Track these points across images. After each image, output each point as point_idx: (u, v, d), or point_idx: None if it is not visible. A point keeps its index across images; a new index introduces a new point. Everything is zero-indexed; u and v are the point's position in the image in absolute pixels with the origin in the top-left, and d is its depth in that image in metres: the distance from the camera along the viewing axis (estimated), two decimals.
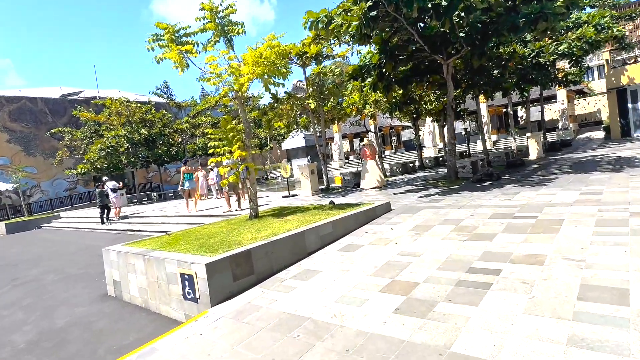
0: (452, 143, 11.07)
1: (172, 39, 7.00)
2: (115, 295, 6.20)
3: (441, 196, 8.46)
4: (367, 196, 10.41)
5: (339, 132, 40.88)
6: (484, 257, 4.22)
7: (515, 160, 13.24)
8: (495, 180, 9.89)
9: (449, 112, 11.13)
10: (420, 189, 10.30)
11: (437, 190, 9.50)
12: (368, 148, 12.75)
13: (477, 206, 6.66)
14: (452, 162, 11.06)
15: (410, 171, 18.30)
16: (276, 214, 7.54)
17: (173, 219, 13.17)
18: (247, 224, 6.73)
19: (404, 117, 20.64)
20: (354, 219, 6.51)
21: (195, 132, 28.66)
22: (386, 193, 10.57)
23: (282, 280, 4.73)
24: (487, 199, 7.30)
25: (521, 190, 7.67)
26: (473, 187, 9.32)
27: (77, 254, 10.84)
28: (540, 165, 12.83)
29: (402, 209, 7.49)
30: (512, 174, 11.24)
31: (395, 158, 36.62)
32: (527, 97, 19.93)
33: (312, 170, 13.02)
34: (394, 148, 43.03)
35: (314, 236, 5.71)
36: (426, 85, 12.51)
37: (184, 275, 4.55)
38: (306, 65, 12.89)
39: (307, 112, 13.86)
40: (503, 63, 12.75)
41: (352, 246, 5.56)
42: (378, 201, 7.81)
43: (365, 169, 12.71)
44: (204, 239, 5.84)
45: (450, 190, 9.18)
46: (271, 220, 6.83)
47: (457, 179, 11.09)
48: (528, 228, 4.93)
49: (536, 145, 16.30)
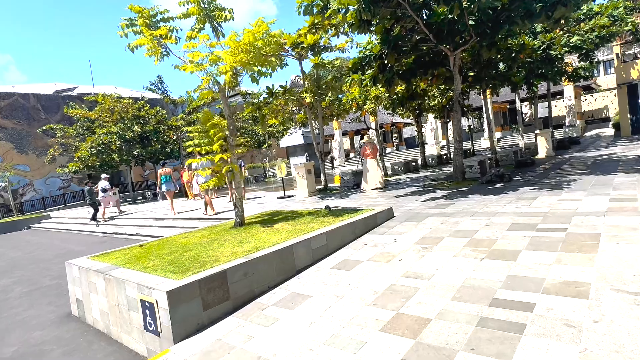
0: (458, 141, 10.25)
1: (147, 24, 6.19)
2: (79, 316, 5.42)
3: (449, 200, 7.66)
4: (367, 198, 9.62)
5: (339, 129, 40.08)
6: (509, 284, 3.43)
7: (525, 159, 12.43)
8: (507, 182, 9.08)
9: (456, 107, 10.31)
10: (425, 191, 9.50)
11: (443, 193, 8.70)
12: (368, 146, 11.94)
13: (492, 214, 5.86)
14: (458, 161, 10.25)
15: (412, 170, 17.49)
16: (265, 221, 6.75)
17: (160, 222, 12.39)
18: (231, 233, 5.94)
19: (406, 114, 19.80)
20: (351, 228, 5.72)
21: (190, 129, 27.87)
22: (388, 195, 9.77)
23: (264, 307, 3.94)
24: (501, 204, 6.49)
25: (539, 195, 6.86)
26: (483, 189, 8.51)
27: (54, 260, 10.07)
28: (552, 164, 12.01)
29: (406, 215, 6.70)
30: (524, 174, 10.43)
31: (397, 156, 35.81)
32: (534, 92, 19.08)
33: (308, 169, 12.22)
34: (396, 145, 42.22)
35: (305, 250, 4.92)
36: (431, 79, 11.67)
37: (145, 302, 3.77)
38: (303, 58, 12.06)
39: (304, 107, 13.04)
40: (513, 55, 11.90)
41: (349, 263, 4.77)
42: (379, 206, 7.01)
43: (365, 169, 11.90)
44: (177, 253, 5.06)
45: (458, 193, 8.38)
46: (258, 229, 6.04)
47: (464, 180, 10.28)
48: (558, 244, 4.13)
49: (545, 143, 15.47)
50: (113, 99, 23.12)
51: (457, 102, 10.29)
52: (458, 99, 10.26)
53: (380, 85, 12.41)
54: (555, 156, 15.06)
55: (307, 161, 23.49)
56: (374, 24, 9.18)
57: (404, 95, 12.52)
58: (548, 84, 22.01)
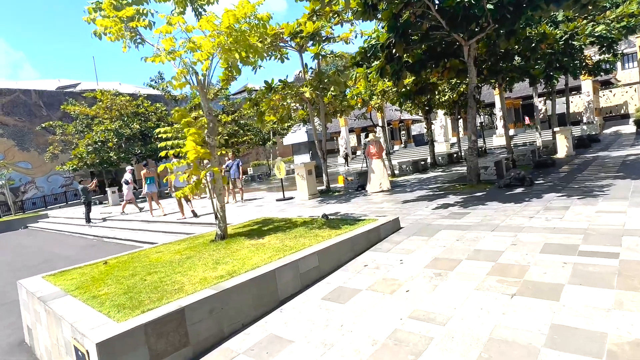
0: (473, 140, 9.28)
1: (115, 6, 5.35)
2: (31, 345, 4.64)
3: (463, 208, 6.73)
4: (371, 203, 8.72)
5: (345, 126, 39.11)
6: (555, 339, 2.52)
7: (545, 160, 11.40)
8: (528, 186, 8.11)
9: (471, 102, 9.33)
10: (436, 195, 8.57)
11: (457, 199, 7.76)
12: (374, 145, 11.02)
13: (518, 228, 4.93)
14: (473, 162, 9.29)
15: (421, 170, 16.51)
16: (251, 232, 5.89)
17: (153, 225, 11.64)
18: (209, 249, 5.10)
19: (414, 110, 18.81)
20: (349, 244, 4.84)
21: None
22: (394, 199, 8.85)
23: (233, 355, 3.09)
24: (526, 215, 5.55)
25: (570, 204, 5.90)
26: (502, 195, 7.55)
27: (36, 268, 9.34)
28: (576, 165, 10.96)
29: (414, 227, 5.79)
30: (545, 176, 9.43)
31: (404, 154, 34.77)
32: (553, 87, 17.93)
33: (309, 170, 11.35)
34: (404, 143, 41.13)
35: (291, 275, 4.06)
36: (442, 72, 10.68)
37: (78, 350, 2.94)
38: (304, 49, 11.16)
39: (305, 103, 12.16)
40: (533, 45, 10.86)
41: (344, 292, 3.89)
42: (383, 217, 6.11)
43: (370, 170, 10.99)
44: (140, 276, 4.23)
45: (474, 199, 7.43)
46: (241, 243, 5.19)
47: (479, 183, 9.32)
48: (613, 278, 3.21)
49: (565, 142, 14.37)
50: (111, 96, 22.48)
51: (472, 97, 9.31)
52: (473, 93, 9.29)
53: (388, 79, 11.50)
54: (576, 155, 13.96)
55: (311, 160, 22.63)
56: (381, 10, 8.25)
57: (412, 88, 11.57)
58: (566, 78, 20.82)
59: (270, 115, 11.25)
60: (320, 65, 11.75)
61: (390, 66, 8.71)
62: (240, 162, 13.62)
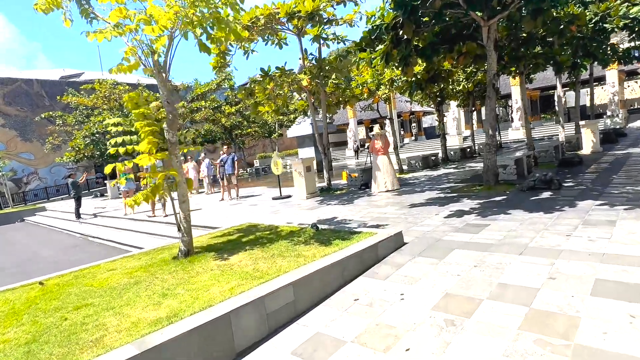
0: (491, 135, 8.13)
1: None
2: None
3: (481, 217, 5.65)
4: (373, 206, 7.68)
5: (354, 118, 37.90)
6: None
7: (570, 157, 10.18)
8: (556, 190, 6.97)
9: (489, 92, 8.17)
10: (448, 199, 7.48)
11: (472, 204, 6.67)
12: (379, 139, 9.94)
13: (553, 251, 3.86)
14: (491, 160, 8.15)
15: (432, 166, 15.36)
16: (224, 247, 4.93)
17: (140, 225, 10.79)
18: (165, 271, 4.15)
19: (425, 101, 17.56)
20: (338, 270, 3.84)
21: (195, 117, 26.28)
22: (400, 203, 7.80)
23: None
24: (562, 231, 4.47)
25: (616, 217, 4.78)
26: (526, 200, 6.44)
27: (6, 271, 8.56)
28: (607, 164, 9.73)
29: (421, 242, 4.75)
30: (574, 177, 8.26)
31: (414, 147, 33.48)
32: (577, 76, 16.49)
33: (307, 166, 10.33)
34: (415, 135, 39.75)
35: (255, 316, 3.08)
36: (457, 58, 9.49)
37: None
38: (303, 33, 10.06)
39: (305, 93, 11.09)
40: (562, 27, 9.58)
41: (323, 343, 2.89)
42: (384, 229, 5.09)
43: (375, 167, 9.92)
44: (63, 312, 3.29)
45: (493, 205, 6.34)
46: (204, 264, 4.23)
47: (497, 184, 8.19)
48: None
49: (592, 136, 13.06)
50: (109, 85, 21.68)
51: (492, 86, 8.14)
52: (493, 82, 8.12)
53: (395, 65, 10.37)
54: (604, 152, 12.67)
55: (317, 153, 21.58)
56: None
57: (423, 77, 10.41)
58: (591, 68, 19.30)
59: (265, 105, 10.22)
60: (321, 51, 10.64)
61: (397, 51, 7.59)
62: (235, 156, 12.67)
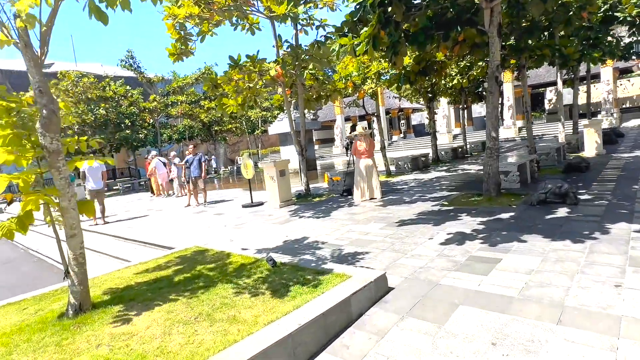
0: (493, 138, 6.89)
1: None
2: None
3: (489, 247, 4.39)
4: (354, 222, 6.37)
5: (341, 115, 36.69)
6: None
7: (578, 162, 9.03)
8: (573, 204, 5.77)
9: (491, 86, 6.92)
10: (443, 213, 6.23)
11: (474, 223, 5.41)
12: (363, 140, 8.65)
13: (608, 318, 2.60)
14: (492, 167, 6.92)
15: (422, 167, 14.16)
16: (138, 295, 3.54)
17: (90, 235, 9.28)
18: (29, 346, 2.76)
19: (415, 97, 16.35)
20: (288, 347, 2.51)
21: (170, 112, 24.64)
22: (386, 218, 6.51)
23: None
24: (605, 277, 3.23)
25: None
26: (540, 218, 5.22)
27: None
28: (620, 170, 8.61)
29: (412, 288, 3.46)
30: (587, 187, 7.09)
31: (403, 146, 32.36)
32: (576, 73, 15.46)
33: (280, 170, 8.98)
34: (403, 133, 38.68)
35: None
36: (453, 47, 8.22)
37: None
38: (276, 17, 8.65)
39: (280, 85, 9.72)
40: (571, 14, 8.41)
41: None
42: (361, 274, 3.78)
43: (358, 172, 8.63)
44: None
45: (501, 226, 5.09)
46: (94, 332, 2.85)
47: (499, 195, 6.98)
48: None
49: (596, 137, 12.00)
50: (74, 77, 19.93)
51: (494, 79, 6.90)
52: (495, 74, 6.87)
53: (382, 56, 9.09)
54: (609, 155, 11.62)
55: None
56: None
57: (413, 68, 9.13)
58: (588, 64, 18.33)
59: (231, 98, 8.80)
60: (298, 37, 9.27)
61: (384, 33, 6.24)
62: (203, 156, 11.24)
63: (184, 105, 24.44)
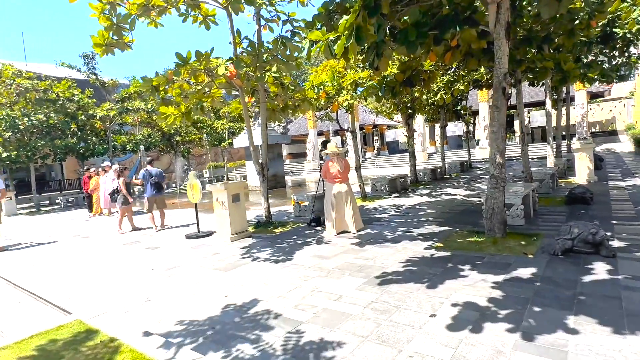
0: (499, 165, 5.49)
1: None
2: None
3: (523, 337, 2.84)
4: (323, 272, 4.72)
5: (314, 129, 35.34)
6: None
7: (582, 193, 7.83)
8: (609, 257, 4.39)
9: (499, 100, 5.55)
10: (440, 264, 4.68)
11: (487, 286, 3.88)
12: (336, 161, 7.08)
13: None
14: (498, 201, 5.50)
15: (401, 190, 12.77)
16: None
17: None
18: None
19: (393, 112, 15.08)
20: None
21: (125, 119, 22.30)
22: (365, 269, 4.90)
23: None
24: None
25: None
26: (575, 279, 3.75)
27: None
28: (630, 204, 7.46)
29: None
30: (608, 226, 5.78)
31: (377, 163, 31.25)
32: (559, 93, 14.75)
33: (234, 195, 7.23)
34: (377, 150, 37.73)
35: None
36: (444, 54, 6.86)
37: None
38: (232, 4, 7.02)
39: (238, 90, 8.06)
40: (576, 22, 7.31)
41: None
42: None
43: (330, 199, 7.02)
44: None
45: (522, 290, 3.58)
46: None
47: (505, 236, 5.55)
48: None
49: (588, 163, 11.03)
50: (11, 74, 17.42)
51: (501, 91, 5.54)
52: (503, 85, 5.51)
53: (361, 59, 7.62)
54: (601, 182, 10.64)
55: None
56: None
57: (398, 77, 7.74)
58: (568, 86, 17.85)
59: (169, 106, 7.03)
60: (261, 33, 7.69)
61: (375, 21, 4.70)
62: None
63: (141, 112, 22.20)
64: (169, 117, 6.93)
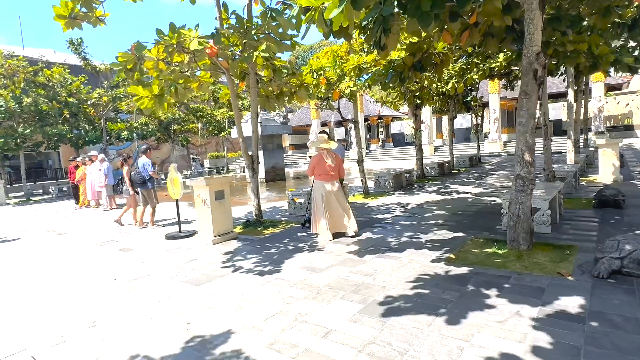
0: (527, 163, 4.57)
1: None
2: None
3: None
4: (312, 290, 3.86)
5: (317, 119, 34.38)
6: None
7: (613, 195, 6.89)
8: None
9: (529, 86, 4.60)
10: (455, 284, 3.80)
11: (522, 322, 2.99)
12: (326, 156, 6.19)
13: None
14: (525, 208, 4.59)
15: (406, 186, 11.86)
16: None
17: None
18: None
19: (400, 102, 14.11)
20: None
21: (120, 106, 21.44)
22: (363, 289, 4.03)
23: None
24: None
25: None
26: (638, 313, 2.88)
27: None
28: None
29: None
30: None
31: (381, 156, 30.29)
32: (579, 84, 13.67)
33: (217, 192, 6.37)
34: (382, 142, 36.72)
35: None
36: (460, 34, 5.89)
37: None
38: None
39: (222, 73, 7.15)
40: None
41: None
42: None
43: (321, 200, 6.13)
44: None
45: (573, 332, 2.69)
46: None
47: (531, 248, 4.65)
48: None
49: (614, 160, 10.03)
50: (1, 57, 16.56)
51: (532, 74, 4.58)
52: (535, 67, 4.55)
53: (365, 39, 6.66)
54: (628, 181, 9.67)
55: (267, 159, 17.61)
56: None
57: (406, 61, 6.80)
58: (587, 78, 16.75)
59: (145, 88, 6.14)
60: (251, 8, 6.75)
61: None
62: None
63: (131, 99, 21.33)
64: (142, 100, 6.03)
